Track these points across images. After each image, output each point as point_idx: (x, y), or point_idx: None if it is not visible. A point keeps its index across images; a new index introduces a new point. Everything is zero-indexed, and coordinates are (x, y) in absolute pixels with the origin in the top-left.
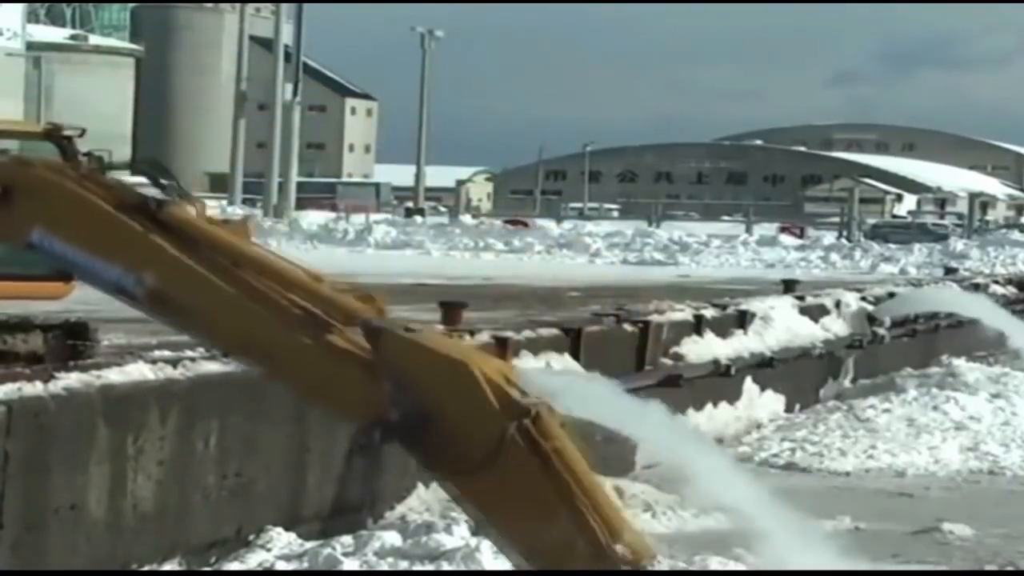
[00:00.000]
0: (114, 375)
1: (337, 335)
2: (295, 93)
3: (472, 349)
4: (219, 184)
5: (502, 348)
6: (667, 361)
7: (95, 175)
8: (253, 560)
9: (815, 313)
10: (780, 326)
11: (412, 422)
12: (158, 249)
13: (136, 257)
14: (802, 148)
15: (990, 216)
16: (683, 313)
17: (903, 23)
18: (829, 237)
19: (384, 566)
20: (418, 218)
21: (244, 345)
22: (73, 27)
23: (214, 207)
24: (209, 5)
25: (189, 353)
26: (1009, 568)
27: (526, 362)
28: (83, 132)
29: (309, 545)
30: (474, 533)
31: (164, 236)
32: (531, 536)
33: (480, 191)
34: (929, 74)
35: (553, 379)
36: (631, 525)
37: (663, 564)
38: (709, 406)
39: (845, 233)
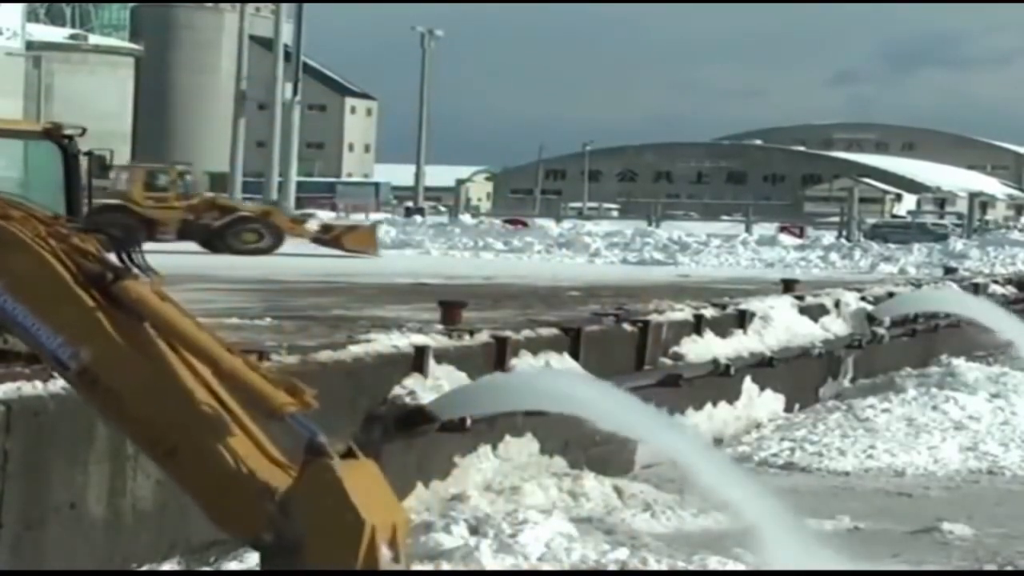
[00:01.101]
0: None
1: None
2: (295, 92)
3: (382, 498)
4: (219, 183)
5: (502, 348)
6: (667, 361)
7: (66, 234)
8: (253, 560)
9: (815, 313)
10: (780, 326)
11: (283, 548)
12: (100, 328)
13: (78, 332)
14: (802, 148)
15: (990, 216)
16: (683, 313)
17: (904, 22)
18: (829, 237)
19: None
20: (418, 218)
21: (153, 438)
22: (73, 26)
23: (330, 216)
24: (209, 4)
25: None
26: (1009, 568)
27: (526, 361)
28: (83, 131)
29: None
30: (473, 533)
31: (113, 313)
32: None
33: (480, 191)
34: (930, 73)
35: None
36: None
37: (663, 564)
38: (709, 406)
39: (845, 233)
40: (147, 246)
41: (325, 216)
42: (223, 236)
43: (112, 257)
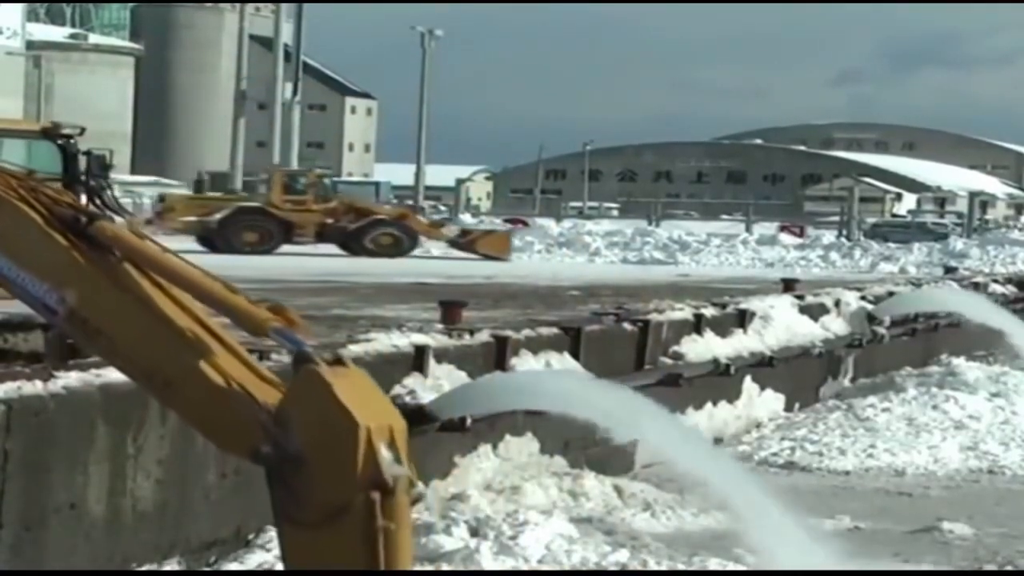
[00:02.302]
0: (114, 374)
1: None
2: (295, 92)
3: (376, 404)
4: (219, 183)
5: (502, 347)
6: (667, 360)
7: (38, 185)
8: (253, 560)
9: (815, 312)
10: (780, 325)
11: (284, 460)
12: (79, 267)
13: (60, 275)
14: (802, 147)
15: (990, 215)
16: (683, 312)
17: (907, 22)
18: (829, 236)
19: None
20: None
21: (147, 371)
22: (73, 26)
23: (472, 221)
24: (209, 4)
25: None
26: (1009, 568)
27: (526, 361)
28: (82, 131)
29: None
30: (473, 534)
31: (91, 253)
32: None
33: (480, 190)
34: (932, 73)
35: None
36: None
37: (663, 566)
38: (709, 405)
39: (845, 232)
40: (284, 248)
41: (469, 220)
42: (359, 238)
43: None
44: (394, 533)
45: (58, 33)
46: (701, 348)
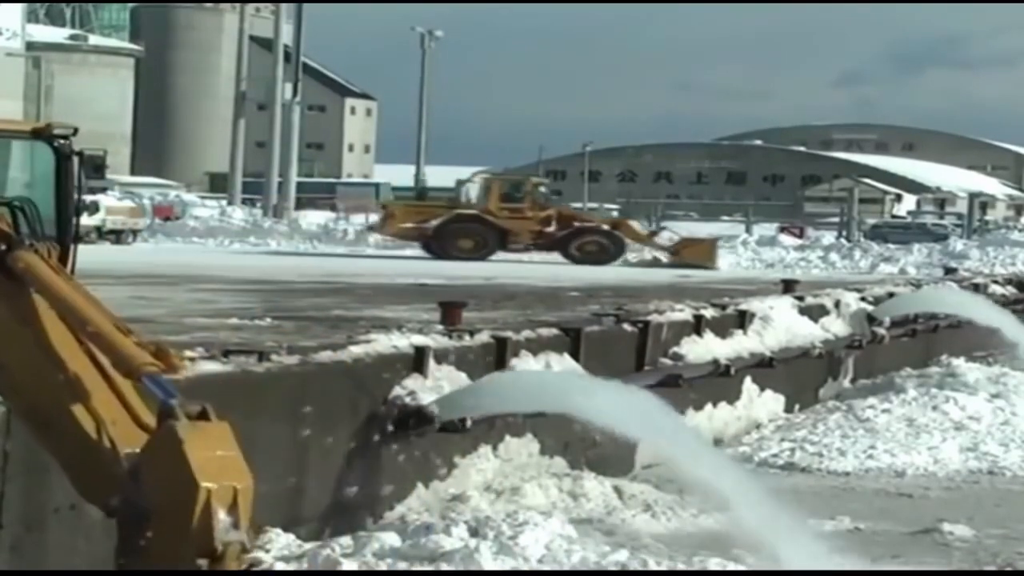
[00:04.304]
0: None
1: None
2: (295, 93)
3: (227, 463)
4: (219, 184)
5: (502, 348)
6: (667, 361)
7: None
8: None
9: (815, 313)
10: (780, 326)
11: (131, 514)
12: None
13: None
14: (802, 148)
15: (989, 216)
16: (683, 313)
17: (910, 23)
18: (829, 237)
19: (383, 567)
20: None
21: (32, 408)
22: (73, 27)
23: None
24: (209, 5)
25: (188, 353)
26: (1009, 569)
27: (526, 362)
28: (75, 131)
29: (308, 546)
30: (473, 534)
31: (6, 284)
32: None
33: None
34: (936, 74)
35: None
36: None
37: (663, 566)
38: (709, 406)
39: (845, 233)
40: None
41: (681, 228)
42: (565, 245)
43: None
44: None
45: (58, 34)
46: (701, 349)
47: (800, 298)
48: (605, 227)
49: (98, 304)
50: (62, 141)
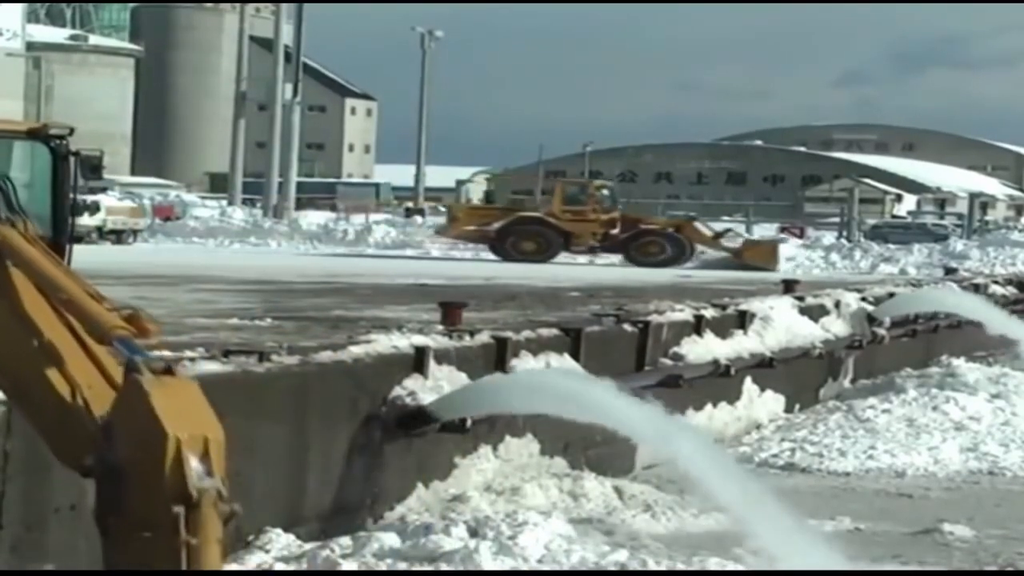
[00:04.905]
0: None
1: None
2: (295, 93)
3: (196, 415)
4: (219, 184)
5: (502, 348)
6: (667, 361)
7: None
8: (252, 561)
9: (815, 313)
10: (780, 326)
11: (106, 472)
12: None
13: None
14: (802, 148)
15: (990, 216)
16: (683, 313)
17: (910, 23)
18: (829, 237)
19: (383, 567)
20: (418, 218)
21: (9, 379)
22: (73, 27)
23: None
24: (209, 5)
25: (188, 353)
26: (1009, 569)
27: (526, 362)
28: (71, 131)
29: (308, 546)
30: (473, 535)
31: None
32: None
33: (480, 191)
34: (936, 74)
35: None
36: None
37: (662, 566)
38: (709, 406)
39: (845, 233)
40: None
41: (741, 230)
42: (627, 248)
43: None
44: (197, 549)
45: (58, 34)
46: (701, 349)
47: (800, 298)
48: (669, 230)
49: (71, 273)
50: (58, 141)
